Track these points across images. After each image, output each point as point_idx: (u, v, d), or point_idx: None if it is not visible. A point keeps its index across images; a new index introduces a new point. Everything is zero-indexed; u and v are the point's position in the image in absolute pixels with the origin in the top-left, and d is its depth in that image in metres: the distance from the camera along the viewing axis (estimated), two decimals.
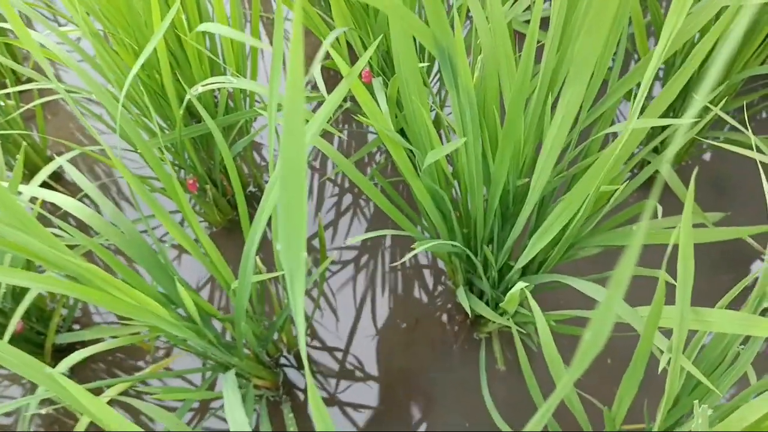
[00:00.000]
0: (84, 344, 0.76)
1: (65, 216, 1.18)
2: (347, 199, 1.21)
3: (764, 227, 0.52)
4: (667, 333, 0.63)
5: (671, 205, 1.05)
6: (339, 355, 1.02)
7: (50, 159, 1.28)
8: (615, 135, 1.15)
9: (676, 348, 0.44)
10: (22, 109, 0.86)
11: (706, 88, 0.29)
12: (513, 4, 0.70)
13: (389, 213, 0.81)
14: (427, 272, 1.10)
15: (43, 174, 0.77)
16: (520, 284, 0.56)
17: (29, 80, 1.45)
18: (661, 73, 1.14)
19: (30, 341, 0.96)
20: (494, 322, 0.92)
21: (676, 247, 0.56)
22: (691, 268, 0.39)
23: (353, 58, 1.35)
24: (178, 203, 0.72)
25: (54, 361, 1.03)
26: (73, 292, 0.48)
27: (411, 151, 0.75)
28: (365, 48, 0.93)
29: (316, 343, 1.03)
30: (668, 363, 0.49)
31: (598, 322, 0.22)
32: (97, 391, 0.88)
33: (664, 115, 1.00)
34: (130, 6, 0.81)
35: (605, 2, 0.41)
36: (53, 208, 1.19)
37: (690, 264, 0.39)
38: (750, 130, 0.56)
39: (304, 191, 0.27)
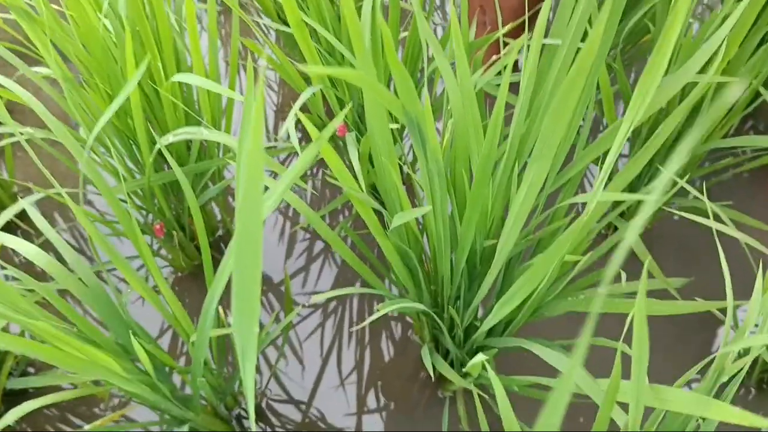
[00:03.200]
0: (38, 389, 0.73)
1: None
2: (318, 245, 1.20)
3: (722, 303, 0.52)
4: (627, 405, 0.63)
5: (637, 266, 1.06)
6: (303, 407, 1.00)
7: (16, 195, 1.26)
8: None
9: (632, 424, 0.43)
10: None
11: (674, 166, 0.29)
12: (484, 71, 0.71)
13: (358, 270, 0.80)
14: (394, 324, 1.09)
15: (5, 216, 0.76)
16: (480, 356, 0.55)
17: None
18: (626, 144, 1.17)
19: None
20: None
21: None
22: (646, 349, 0.39)
23: (327, 108, 1.37)
24: (140, 253, 0.71)
25: (5, 405, 0.99)
26: (24, 349, 0.47)
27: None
28: (338, 100, 0.94)
29: (280, 394, 1.01)
30: None
31: (552, 405, 0.21)
32: None
33: (632, 181, 1.02)
34: (106, 52, 0.81)
35: (569, 90, 0.42)
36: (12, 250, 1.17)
37: (645, 346, 0.39)
38: (706, 197, 0.57)
39: (259, 270, 0.26)
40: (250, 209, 0.26)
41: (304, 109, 1.38)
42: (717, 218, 0.94)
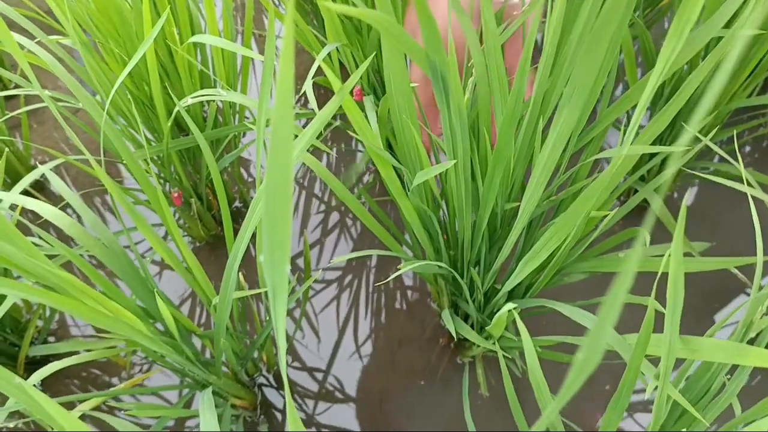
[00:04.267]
0: (59, 358, 0.74)
1: (47, 226, 1.16)
2: (333, 217, 1.20)
3: (753, 258, 0.51)
4: (653, 361, 0.62)
5: (655, 233, 1.05)
6: (319, 376, 1.00)
7: (33, 168, 1.26)
8: (600, 162, 1.16)
9: (663, 376, 0.43)
10: (7, 116, 0.85)
11: (697, 119, 0.28)
12: (505, 27, 0.70)
13: (376, 233, 0.80)
14: (411, 294, 1.09)
15: (25, 181, 0.76)
16: (509, 305, 0.55)
17: (17, 87, 1.44)
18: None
19: (3, 353, 0.93)
20: (478, 347, 0.91)
21: (662, 275, 0.55)
22: (680, 296, 0.39)
23: (345, 77, 1.35)
24: (162, 216, 0.71)
25: (27, 374, 1.00)
26: (48, 300, 0.47)
27: (399, 171, 0.74)
28: (357, 67, 0.93)
29: (296, 364, 1.02)
30: (654, 391, 0.49)
31: (590, 349, 0.21)
32: (69, 406, 0.85)
33: (652, 144, 1.01)
34: (122, 16, 0.81)
35: (605, 23, 0.41)
36: (34, 218, 1.17)
37: (680, 292, 0.38)
38: (740, 162, 0.56)
39: (290, 201, 0.26)
40: (282, 130, 0.25)
41: (320, 76, 1.36)
42: (739, 181, 0.92)
